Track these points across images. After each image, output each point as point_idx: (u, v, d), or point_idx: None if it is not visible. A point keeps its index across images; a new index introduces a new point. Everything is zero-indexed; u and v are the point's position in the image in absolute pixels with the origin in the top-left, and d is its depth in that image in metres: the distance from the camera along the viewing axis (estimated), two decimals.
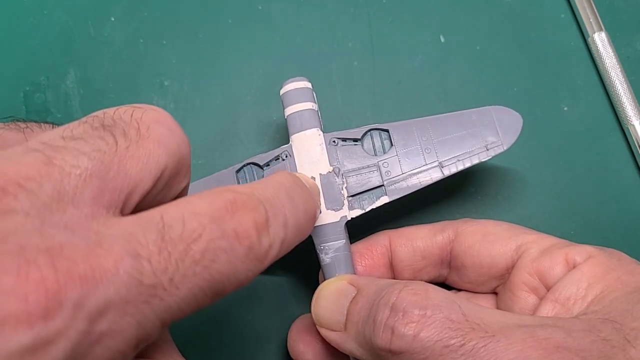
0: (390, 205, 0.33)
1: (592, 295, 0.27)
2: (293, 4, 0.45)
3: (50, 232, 0.17)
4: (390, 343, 0.25)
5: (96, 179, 0.19)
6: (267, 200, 0.22)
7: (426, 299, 0.25)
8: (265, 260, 0.21)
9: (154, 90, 0.43)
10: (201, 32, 0.44)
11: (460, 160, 0.33)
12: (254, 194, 0.21)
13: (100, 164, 0.19)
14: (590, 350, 0.23)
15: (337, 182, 0.33)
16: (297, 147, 0.34)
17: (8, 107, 0.43)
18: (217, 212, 0.20)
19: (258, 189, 0.22)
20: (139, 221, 0.19)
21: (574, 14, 0.44)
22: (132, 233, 0.18)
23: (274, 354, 0.38)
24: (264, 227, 0.21)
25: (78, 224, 0.18)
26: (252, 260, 0.20)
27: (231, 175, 0.35)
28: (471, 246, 0.32)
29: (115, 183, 0.19)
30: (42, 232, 0.16)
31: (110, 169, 0.19)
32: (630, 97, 0.41)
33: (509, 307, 0.31)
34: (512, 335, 0.24)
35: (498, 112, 0.33)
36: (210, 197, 0.20)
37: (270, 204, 0.22)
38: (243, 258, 0.20)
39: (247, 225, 0.20)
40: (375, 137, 0.34)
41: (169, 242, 0.18)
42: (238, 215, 0.20)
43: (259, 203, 0.21)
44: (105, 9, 0.45)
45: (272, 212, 0.22)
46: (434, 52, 0.44)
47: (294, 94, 0.34)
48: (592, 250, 0.29)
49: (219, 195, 0.20)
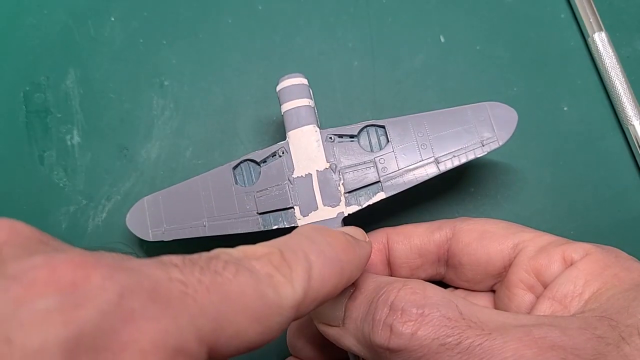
0: (388, 202, 0.33)
1: (589, 293, 0.27)
2: (293, 4, 0.45)
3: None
4: (388, 341, 0.25)
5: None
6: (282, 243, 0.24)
7: (424, 298, 0.26)
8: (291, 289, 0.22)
9: (154, 90, 0.43)
10: (201, 32, 0.45)
11: (456, 156, 0.33)
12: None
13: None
14: (585, 348, 0.23)
15: (333, 179, 0.33)
16: (294, 143, 0.34)
17: (8, 107, 0.43)
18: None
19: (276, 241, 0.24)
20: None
21: (574, 14, 0.44)
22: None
23: (273, 349, 0.38)
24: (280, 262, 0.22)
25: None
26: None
27: (228, 171, 0.35)
28: (468, 244, 0.32)
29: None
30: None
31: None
32: (630, 97, 0.41)
33: (506, 305, 0.31)
34: (508, 333, 0.24)
35: (493, 108, 0.34)
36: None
37: (286, 245, 0.23)
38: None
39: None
40: (372, 134, 0.34)
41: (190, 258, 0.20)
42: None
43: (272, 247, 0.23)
44: (105, 9, 0.45)
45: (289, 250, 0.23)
46: (434, 52, 0.44)
47: (290, 91, 0.34)
48: (589, 248, 0.29)
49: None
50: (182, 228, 0.35)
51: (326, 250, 0.24)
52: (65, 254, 0.17)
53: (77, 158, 0.42)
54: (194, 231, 0.35)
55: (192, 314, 0.18)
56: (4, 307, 0.16)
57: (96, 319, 0.16)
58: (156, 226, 0.35)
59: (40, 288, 0.16)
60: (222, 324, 0.19)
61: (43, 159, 0.42)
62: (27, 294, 0.16)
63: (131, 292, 0.17)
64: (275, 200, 0.34)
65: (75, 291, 0.16)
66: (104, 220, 0.40)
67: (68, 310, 0.16)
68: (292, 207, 0.33)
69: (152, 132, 0.42)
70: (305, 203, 0.33)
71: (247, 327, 0.20)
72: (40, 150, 0.42)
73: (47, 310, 0.16)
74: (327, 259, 0.24)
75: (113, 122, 0.42)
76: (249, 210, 0.34)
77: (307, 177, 0.34)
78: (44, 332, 0.15)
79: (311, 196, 0.33)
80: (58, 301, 0.16)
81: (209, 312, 0.19)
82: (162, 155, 0.42)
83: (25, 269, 0.17)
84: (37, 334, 0.15)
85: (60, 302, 0.16)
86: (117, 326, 0.17)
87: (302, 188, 0.34)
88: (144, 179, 0.41)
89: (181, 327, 0.18)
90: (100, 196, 0.41)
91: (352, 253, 0.26)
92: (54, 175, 0.41)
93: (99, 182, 0.41)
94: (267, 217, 0.34)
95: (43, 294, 0.16)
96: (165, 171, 0.41)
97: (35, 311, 0.16)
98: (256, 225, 0.34)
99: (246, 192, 0.34)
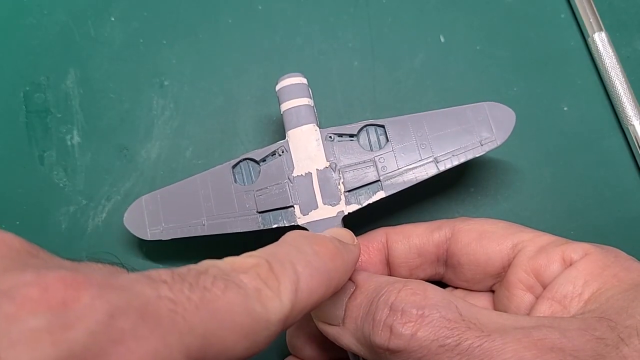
0: (388, 202, 0.33)
1: (588, 293, 0.27)
2: (293, 4, 0.45)
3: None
4: (388, 342, 0.25)
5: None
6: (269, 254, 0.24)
7: (424, 299, 0.26)
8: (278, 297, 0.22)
9: (154, 90, 0.43)
10: (201, 32, 0.45)
11: (455, 156, 0.33)
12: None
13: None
14: (584, 349, 0.24)
15: (333, 178, 0.33)
16: (294, 142, 0.34)
17: (8, 107, 0.43)
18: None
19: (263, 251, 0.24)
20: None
21: (574, 14, 0.44)
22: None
23: (273, 348, 0.38)
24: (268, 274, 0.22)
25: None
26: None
27: (227, 170, 0.35)
28: (467, 244, 0.32)
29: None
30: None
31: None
32: (630, 97, 0.41)
33: (506, 306, 0.31)
34: (507, 335, 0.24)
35: (492, 108, 0.34)
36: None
37: (274, 256, 0.23)
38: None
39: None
40: (371, 133, 0.34)
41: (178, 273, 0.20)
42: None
43: (260, 258, 0.23)
44: (105, 9, 0.45)
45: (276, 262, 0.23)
46: (434, 52, 0.44)
47: (290, 90, 0.34)
48: (588, 248, 0.29)
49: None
50: (181, 227, 0.35)
51: (313, 260, 0.24)
52: (56, 271, 0.17)
53: (77, 158, 0.42)
54: (192, 230, 0.35)
55: (181, 332, 0.18)
56: None
57: (86, 340, 0.16)
58: (154, 225, 0.35)
59: (31, 306, 0.16)
60: (210, 341, 0.19)
61: (43, 159, 0.42)
62: (18, 312, 0.16)
63: (121, 312, 0.17)
64: (275, 199, 0.34)
65: (66, 311, 0.16)
66: (104, 221, 0.40)
67: (58, 330, 0.16)
68: (292, 205, 0.33)
69: (152, 132, 0.42)
70: (305, 202, 0.33)
71: (234, 343, 0.20)
72: (40, 150, 0.42)
73: (38, 330, 0.16)
74: (315, 269, 0.24)
75: (113, 122, 0.42)
76: (248, 209, 0.34)
77: (307, 176, 0.34)
78: (34, 352, 0.15)
79: (311, 195, 0.33)
80: (48, 321, 0.16)
81: (198, 330, 0.19)
82: (162, 155, 0.42)
83: (16, 285, 0.17)
84: (26, 353, 0.15)
85: (50, 321, 0.16)
86: (106, 347, 0.16)
87: (302, 187, 0.34)
88: (144, 179, 0.41)
89: (170, 346, 0.18)
90: (100, 196, 0.41)
91: (340, 260, 0.26)
92: (54, 175, 0.41)
93: (99, 182, 0.41)
94: (266, 215, 0.34)
95: (34, 313, 0.16)
96: (165, 171, 0.41)
97: (26, 330, 0.16)
98: (256, 224, 0.34)
99: (246, 191, 0.34)
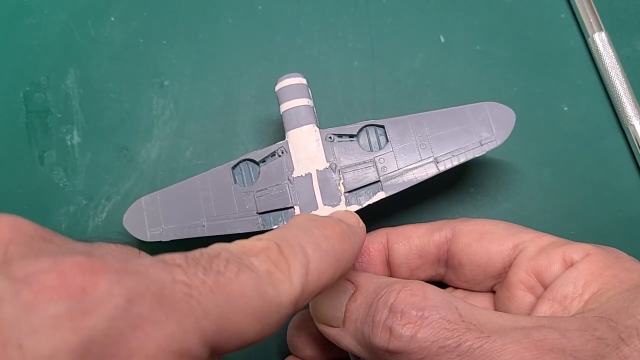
0: (388, 202, 0.33)
1: (589, 294, 0.27)
2: (293, 4, 0.45)
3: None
4: (388, 343, 0.25)
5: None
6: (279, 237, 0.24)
7: (424, 300, 0.26)
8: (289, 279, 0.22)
9: (154, 90, 0.43)
10: (201, 32, 0.45)
11: (455, 156, 0.33)
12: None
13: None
14: (585, 350, 0.24)
15: (333, 178, 0.33)
16: (294, 143, 0.34)
17: (8, 107, 0.43)
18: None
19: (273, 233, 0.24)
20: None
21: (574, 14, 0.44)
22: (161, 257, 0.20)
23: (273, 349, 0.38)
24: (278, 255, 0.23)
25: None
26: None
27: (227, 171, 0.35)
28: (468, 245, 0.32)
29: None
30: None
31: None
32: (630, 97, 0.41)
33: (506, 306, 0.31)
34: (507, 336, 0.24)
35: (492, 108, 0.34)
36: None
37: (283, 239, 0.23)
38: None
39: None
40: (371, 133, 0.34)
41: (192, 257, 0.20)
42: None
43: (270, 241, 0.23)
44: (105, 9, 0.45)
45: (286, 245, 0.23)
46: (434, 52, 0.44)
47: (290, 90, 0.34)
48: (589, 248, 0.29)
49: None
50: (181, 228, 0.35)
51: (322, 242, 0.24)
52: (73, 257, 0.17)
53: (77, 158, 0.42)
54: (192, 231, 0.35)
55: (196, 316, 0.18)
56: (14, 312, 0.16)
57: (105, 326, 0.16)
58: (154, 226, 0.35)
59: (50, 293, 0.16)
60: (224, 325, 0.19)
61: (43, 159, 0.42)
62: (37, 299, 0.16)
63: (139, 297, 0.17)
64: (275, 200, 0.34)
65: (84, 297, 0.17)
66: (104, 221, 0.40)
67: (78, 316, 0.16)
68: (292, 206, 0.33)
69: (152, 132, 0.42)
70: (306, 202, 0.33)
71: (247, 326, 0.20)
72: (40, 150, 0.42)
73: (57, 316, 0.16)
74: (324, 251, 0.24)
75: (113, 122, 0.42)
76: (248, 210, 0.34)
77: (307, 177, 0.34)
78: (55, 339, 0.15)
79: (311, 196, 0.33)
80: (67, 307, 0.16)
81: (213, 314, 0.19)
82: (162, 155, 0.42)
83: (33, 272, 0.17)
84: (47, 340, 0.15)
85: (69, 308, 0.16)
86: (125, 332, 0.17)
87: (302, 187, 0.34)
88: (144, 179, 0.41)
89: (186, 330, 0.18)
90: (100, 196, 0.41)
91: (347, 242, 0.26)
92: (54, 175, 0.41)
93: (99, 182, 0.41)
94: (266, 216, 0.34)
95: (53, 300, 0.16)
96: (165, 171, 0.41)
97: (46, 317, 0.16)
98: (256, 225, 0.34)
99: (245, 192, 0.34)
